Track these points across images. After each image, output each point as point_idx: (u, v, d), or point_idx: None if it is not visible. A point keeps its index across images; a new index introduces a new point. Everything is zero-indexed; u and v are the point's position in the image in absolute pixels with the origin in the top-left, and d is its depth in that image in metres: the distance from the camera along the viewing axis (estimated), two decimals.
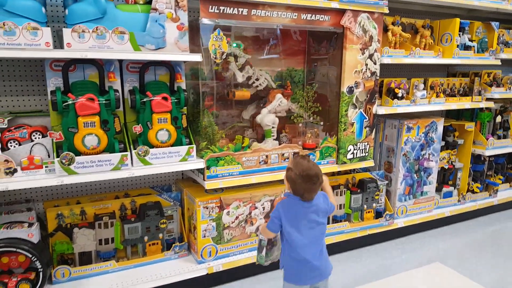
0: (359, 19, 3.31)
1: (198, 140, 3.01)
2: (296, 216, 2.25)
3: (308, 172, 2.18)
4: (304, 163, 2.23)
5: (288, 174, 2.26)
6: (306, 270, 2.29)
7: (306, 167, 2.20)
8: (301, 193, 2.23)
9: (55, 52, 2.35)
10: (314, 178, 2.19)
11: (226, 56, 2.96)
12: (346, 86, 3.37)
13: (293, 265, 2.31)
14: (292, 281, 2.33)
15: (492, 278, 3.36)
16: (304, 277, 2.31)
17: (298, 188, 2.22)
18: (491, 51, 4.32)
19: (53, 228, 2.89)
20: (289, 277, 2.34)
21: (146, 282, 2.85)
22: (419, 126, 3.96)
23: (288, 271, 2.35)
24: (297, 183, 2.21)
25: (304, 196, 2.23)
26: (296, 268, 2.30)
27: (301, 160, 2.26)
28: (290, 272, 2.33)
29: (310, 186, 2.20)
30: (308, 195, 2.23)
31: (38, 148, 2.56)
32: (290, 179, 2.25)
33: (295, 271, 2.31)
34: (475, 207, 4.58)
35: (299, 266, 2.29)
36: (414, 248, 3.90)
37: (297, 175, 2.19)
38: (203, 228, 3.04)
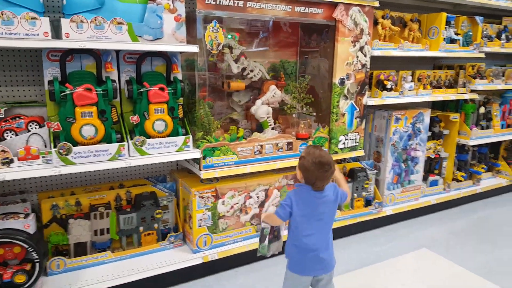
0: (351, 12, 3.37)
1: (193, 131, 3.03)
2: (306, 206, 2.29)
3: (321, 160, 2.23)
4: (316, 151, 2.28)
5: (301, 162, 2.30)
6: (311, 261, 2.32)
7: (319, 155, 2.25)
8: (313, 181, 2.26)
9: (53, 42, 2.33)
10: (326, 166, 2.23)
11: (222, 47, 2.99)
12: (338, 78, 3.43)
13: (298, 254, 2.34)
14: (296, 270, 2.35)
15: (476, 263, 3.48)
16: (308, 267, 2.34)
17: (311, 176, 2.26)
18: (475, 44, 4.44)
19: (48, 219, 2.88)
20: (293, 266, 2.37)
21: (142, 272, 2.87)
22: (406, 117, 4.06)
23: (292, 260, 2.38)
24: (309, 171, 2.24)
25: (316, 184, 2.27)
26: (301, 258, 2.33)
27: (314, 149, 2.31)
28: (295, 262, 2.36)
29: (323, 174, 2.24)
30: (320, 183, 2.27)
31: (35, 138, 2.55)
32: (302, 167, 2.28)
33: (299, 261, 2.34)
34: (459, 195, 4.72)
35: (304, 256, 2.32)
36: (402, 235, 4.00)
37: (309, 163, 2.23)
38: (198, 217, 3.07)
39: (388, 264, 3.43)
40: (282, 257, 3.37)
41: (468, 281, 3.21)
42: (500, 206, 4.91)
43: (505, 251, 3.74)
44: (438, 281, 3.19)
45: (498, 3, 4.45)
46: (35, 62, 2.85)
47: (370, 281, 3.16)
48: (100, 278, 2.78)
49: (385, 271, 3.32)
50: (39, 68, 2.86)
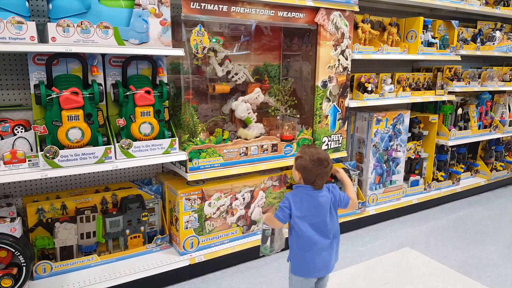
0: (332, 16, 3.45)
1: (179, 133, 3.06)
2: (306, 206, 2.25)
3: (319, 156, 2.21)
4: (312, 149, 2.26)
5: (298, 162, 2.26)
6: (315, 263, 2.28)
7: (316, 152, 2.23)
8: (313, 179, 2.23)
9: (40, 46, 2.34)
10: (324, 162, 2.21)
11: (207, 51, 3.03)
12: (320, 81, 3.51)
13: (301, 257, 2.29)
14: (300, 273, 2.32)
15: (457, 260, 3.58)
16: (312, 270, 2.31)
17: (310, 175, 2.23)
18: (452, 47, 4.57)
19: (34, 223, 2.87)
20: (297, 269, 2.33)
21: (129, 275, 2.88)
22: (387, 119, 4.16)
23: (296, 263, 2.33)
24: (308, 169, 2.22)
25: (316, 182, 2.24)
26: (304, 260, 2.29)
27: (309, 148, 2.29)
28: (298, 265, 2.32)
29: (322, 170, 2.21)
30: (320, 181, 2.24)
31: (20, 142, 2.55)
32: (300, 167, 2.25)
33: (303, 264, 2.30)
34: (440, 194, 4.84)
35: (307, 258, 2.28)
36: (385, 234, 4.09)
37: (307, 161, 2.21)
38: (185, 219, 3.09)
39: (372, 263, 3.50)
40: (268, 259, 3.45)
41: (449, 278, 3.29)
42: (479, 205, 5.04)
43: (483, 248, 3.85)
44: (421, 279, 3.27)
45: (472, 8, 4.60)
46: (19, 66, 2.85)
47: (354, 280, 3.22)
48: (87, 281, 2.77)
49: (368, 270, 3.39)
50: (23, 72, 2.86)
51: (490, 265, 3.52)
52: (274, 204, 3.54)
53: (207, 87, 3.25)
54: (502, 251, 3.78)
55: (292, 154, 3.49)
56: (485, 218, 4.60)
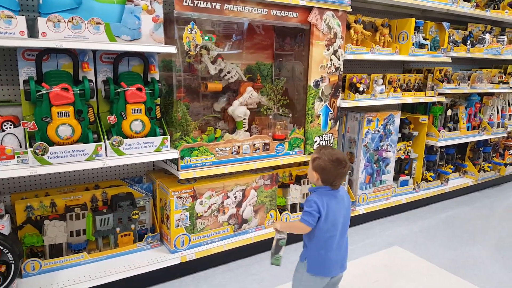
0: (325, 16, 3.45)
1: (171, 131, 3.05)
2: (329, 207, 2.22)
3: (338, 156, 2.20)
4: (329, 150, 2.25)
5: (317, 163, 2.23)
6: (332, 263, 2.29)
7: (334, 153, 2.22)
8: (332, 180, 2.22)
9: (30, 41, 2.31)
10: (343, 161, 2.21)
11: (200, 49, 3.02)
12: (312, 80, 3.51)
13: (320, 257, 2.28)
14: (318, 273, 2.30)
15: (446, 259, 3.62)
16: (329, 269, 2.30)
17: (329, 176, 2.21)
18: (442, 49, 4.60)
19: (22, 220, 2.84)
20: (314, 269, 2.30)
21: (119, 273, 2.86)
22: (378, 119, 4.18)
23: (313, 263, 2.30)
24: (327, 170, 2.20)
25: (336, 182, 2.23)
26: (322, 260, 2.27)
27: (325, 149, 2.27)
28: (316, 265, 2.29)
29: (341, 170, 2.21)
30: (339, 181, 2.24)
31: (9, 138, 2.51)
32: (319, 168, 2.22)
33: (321, 264, 2.29)
34: (428, 194, 4.89)
35: (326, 258, 2.27)
36: (374, 233, 4.11)
37: (326, 161, 2.19)
38: (176, 217, 3.08)
39: (362, 262, 3.52)
40: (258, 257, 3.45)
41: (437, 277, 3.32)
42: (467, 205, 5.10)
43: (471, 247, 3.89)
44: (410, 277, 3.29)
45: (463, 10, 4.64)
46: (9, 61, 2.81)
47: (343, 278, 3.22)
48: (77, 279, 2.75)
49: (358, 268, 3.40)
50: (11, 67, 2.83)
51: (477, 263, 3.57)
52: (266, 203, 3.54)
53: (200, 85, 3.24)
54: (490, 250, 3.82)
55: (284, 153, 3.49)
56: (473, 218, 4.66)
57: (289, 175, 3.83)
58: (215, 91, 3.35)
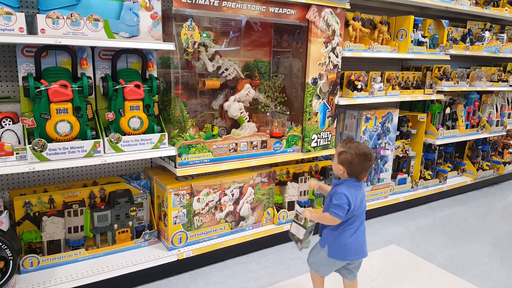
0: (323, 13, 3.45)
1: (169, 128, 3.06)
2: (357, 198, 2.34)
3: (365, 151, 2.31)
4: (356, 144, 2.34)
5: (344, 157, 2.33)
6: (352, 248, 2.42)
7: (360, 147, 2.32)
8: (358, 173, 2.33)
9: (29, 37, 2.32)
10: (369, 155, 2.32)
11: (197, 46, 3.02)
12: (310, 78, 3.51)
13: (340, 244, 2.41)
14: (339, 257, 2.45)
15: (443, 258, 3.62)
16: (349, 254, 2.43)
17: (356, 169, 2.32)
18: (441, 47, 4.60)
19: (21, 216, 2.85)
20: (335, 254, 2.44)
21: (116, 270, 2.87)
22: (376, 117, 4.18)
23: (334, 249, 2.44)
24: (354, 163, 2.30)
25: (361, 175, 2.35)
26: (343, 247, 2.41)
27: (352, 142, 2.36)
28: (336, 251, 2.43)
29: (368, 164, 2.32)
30: (365, 174, 2.36)
31: (8, 134, 2.53)
32: (346, 162, 2.32)
33: (342, 250, 2.42)
34: (427, 193, 4.90)
35: (346, 245, 2.40)
36: (372, 232, 4.11)
37: (353, 155, 2.29)
38: (174, 215, 3.09)
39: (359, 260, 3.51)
40: (256, 254, 3.46)
41: (435, 275, 3.33)
42: (465, 204, 5.10)
43: (469, 246, 3.90)
44: (407, 276, 3.30)
45: (462, 8, 4.63)
46: (8, 57, 2.82)
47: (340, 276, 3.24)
48: (74, 275, 2.76)
49: None
50: (11, 63, 2.83)
51: (475, 262, 3.57)
52: (263, 200, 3.55)
53: (198, 82, 3.25)
54: (488, 249, 3.83)
55: (281, 150, 3.50)
56: (471, 217, 4.67)
57: (286, 173, 3.84)
58: (213, 88, 3.35)
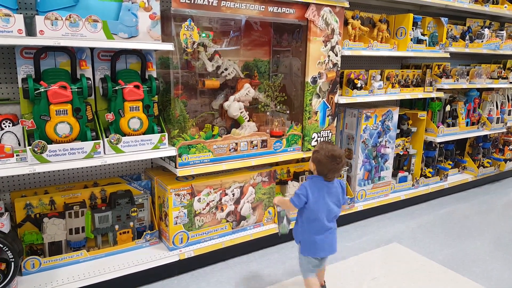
0: (322, 12, 3.45)
1: (169, 129, 3.06)
2: (319, 194, 2.55)
3: (333, 153, 2.49)
4: (329, 146, 2.55)
5: (315, 156, 2.56)
6: (322, 245, 2.60)
7: (331, 149, 2.52)
8: (325, 172, 2.53)
9: (28, 39, 2.32)
10: (338, 158, 2.50)
11: (197, 46, 3.02)
12: (310, 77, 3.51)
13: (311, 239, 2.59)
14: (310, 254, 2.62)
15: (444, 256, 3.62)
16: (319, 250, 2.61)
17: (324, 168, 2.53)
18: (441, 44, 4.60)
19: (22, 218, 2.86)
20: (307, 250, 2.63)
21: (118, 271, 2.87)
22: (376, 115, 4.18)
23: (306, 245, 2.63)
24: (323, 163, 2.51)
25: (328, 176, 2.54)
26: (314, 242, 2.59)
27: (326, 144, 2.58)
28: (308, 246, 2.62)
29: (335, 166, 2.51)
30: (332, 175, 2.55)
31: (8, 136, 2.53)
32: (316, 160, 2.54)
33: (313, 245, 2.60)
34: (427, 190, 4.89)
35: (316, 241, 2.58)
36: (373, 230, 4.12)
37: (323, 156, 2.50)
38: (174, 215, 3.09)
39: (361, 259, 3.52)
40: (257, 254, 3.46)
41: (436, 273, 3.33)
42: (466, 201, 5.10)
43: (470, 243, 3.90)
44: (408, 274, 3.30)
45: (461, 5, 4.63)
46: (7, 59, 2.82)
47: (342, 275, 3.25)
48: (76, 277, 2.76)
49: (357, 265, 3.41)
50: (10, 65, 2.83)
51: (476, 260, 3.57)
52: (264, 200, 3.55)
53: (197, 82, 3.25)
54: (489, 247, 3.83)
55: (281, 150, 3.50)
56: (472, 214, 4.66)
57: (287, 172, 3.84)
58: (213, 88, 3.35)
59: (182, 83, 3.17)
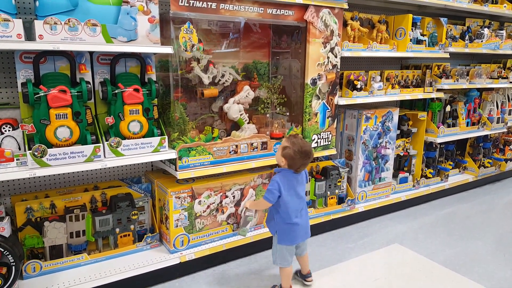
0: (321, 14, 3.46)
1: (169, 131, 3.06)
2: (290, 186, 2.71)
3: (305, 149, 2.63)
4: (299, 141, 2.65)
5: (286, 152, 2.65)
6: (297, 231, 2.77)
7: (303, 145, 2.64)
8: (297, 167, 2.69)
9: (27, 44, 2.32)
10: (310, 154, 2.66)
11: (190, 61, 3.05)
12: (310, 78, 3.52)
13: (286, 229, 2.75)
14: (287, 242, 2.77)
15: (446, 256, 3.61)
16: (295, 237, 2.79)
17: (296, 163, 2.66)
18: (440, 45, 4.60)
19: (22, 222, 2.85)
20: (283, 240, 2.78)
21: (119, 274, 2.87)
22: (376, 116, 4.18)
23: (282, 235, 2.78)
24: (295, 159, 2.64)
25: (299, 169, 2.71)
26: (289, 231, 2.75)
27: (296, 139, 2.67)
28: (284, 236, 2.77)
29: (306, 161, 2.68)
30: (303, 168, 2.74)
31: (8, 140, 2.53)
32: (288, 156, 2.65)
33: (288, 234, 2.76)
34: (428, 191, 4.89)
35: (292, 229, 2.75)
36: (374, 231, 4.11)
37: (295, 152, 2.62)
38: (175, 217, 3.09)
39: (362, 260, 3.52)
40: (258, 256, 3.46)
41: (437, 274, 3.32)
42: (467, 201, 5.09)
43: (471, 244, 3.89)
44: (410, 275, 3.29)
45: (461, 5, 4.63)
46: (7, 64, 2.83)
47: (344, 276, 3.25)
48: (77, 280, 2.76)
49: (358, 266, 3.41)
50: (9, 70, 2.84)
51: (478, 260, 3.56)
52: None
53: (196, 92, 3.24)
54: (490, 247, 3.82)
55: None
56: (473, 215, 4.65)
57: None
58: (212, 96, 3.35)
59: (181, 86, 3.17)
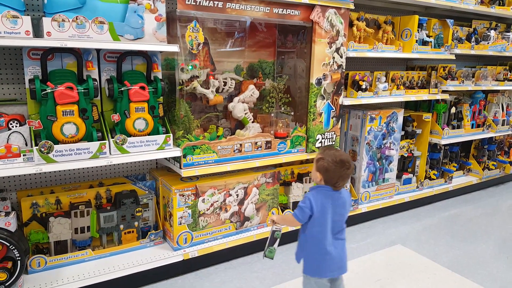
0: (327, 14, 3.46)
1: (174, 129, 3.08)
2: (326, 208, 2.24)
3: (342, 158, 2.21)
4: (333, 151, 2.25)
5: (320, 164, 2.24)
6: (329, 263, 2.28)
7: (338, 154, 2.23)
8: (334, 181, 2.23)
9: (35, 40, 2.35)
10: (347, 163, 2.21)
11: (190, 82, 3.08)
12: (315, 78, 3.52)
13: (316, 257, 2.29)
14: (315, 274, 2.31)
15: (449, 258, 3.61)
16: (326, 270, 2.30)
17: (332, 176, 2.22)
18: (446, 46, 4.59)
19: (28, 217, 2.88)
20: (311, 270, 2.32)
21: (122, 270, 2.90)
22: (381, 117, 4.18)
23: (309, 263, 2.32)
24: (331, 171, 2.21)
25: (338, 183, 2.24)
26: (319, 261, 2.28)
27: (330, 150, 2.27)
28: (313, 265, 2.31)
29: (345, 172, 2.22)
30: (342, 182, 2.25)
31: (15, 136, 2.56)
32: (323, 168, 2.23)
33: (318, 264, 2.29)
34: (432, 192, 4.88)
35: (322, 259, 2.27)
36: (377, 232, 4.12)
37: (330, 163, 2.20)
38: (179, 215, 3.11)
39: (365, 260, 3.53)
40: (260, 255, 3.47)
41: (440, 275, 3.32)
42: (471, 204, 5.08)
43: (475, 246, 3.89)
44: (412, 276, 3.30)
45: (467, 7, 4.61)
46: (13, 60, 2.85)
47: (346, 277, 3.22)
48: (81, 275, 2.79)
49: (361, 267, 3.41)
50: (17, 66, 2.87)
51: (481, 262, 3.56)
52: (268, 201, 3.56)
53: (201, 99, 3.26)
54: (493, 249, 3.82)
55: (286, 151, 3.51)
56: (476, 217, 4.64)
57: (291, 173, 3.85)
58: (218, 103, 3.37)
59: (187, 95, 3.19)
